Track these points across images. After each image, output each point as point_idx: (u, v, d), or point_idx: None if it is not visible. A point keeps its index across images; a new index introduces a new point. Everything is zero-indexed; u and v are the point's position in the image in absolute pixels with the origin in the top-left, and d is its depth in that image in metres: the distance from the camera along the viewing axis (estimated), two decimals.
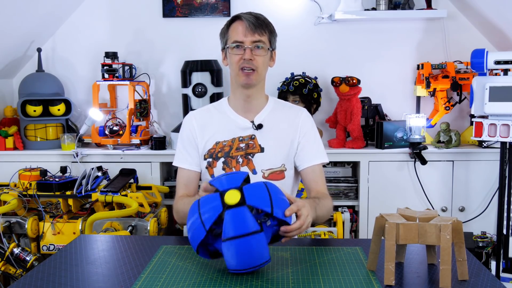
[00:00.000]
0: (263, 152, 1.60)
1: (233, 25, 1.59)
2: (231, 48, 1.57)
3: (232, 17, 1.61)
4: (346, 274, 1.18)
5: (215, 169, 1.62)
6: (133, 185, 2.52)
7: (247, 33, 1.54)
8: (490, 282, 1.12)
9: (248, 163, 1.60)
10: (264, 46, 1.57)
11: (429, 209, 1.42)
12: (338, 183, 2.82)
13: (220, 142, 1.63)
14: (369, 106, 2.88)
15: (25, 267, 2.27)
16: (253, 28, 1.54)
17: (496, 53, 2.40)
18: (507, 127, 2.35)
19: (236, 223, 1.12)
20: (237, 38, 1.55)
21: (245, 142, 1.61)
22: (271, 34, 1.61)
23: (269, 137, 1.62)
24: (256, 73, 1.57)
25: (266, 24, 1.59)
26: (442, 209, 2.70)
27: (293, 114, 1.68)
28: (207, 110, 1.72)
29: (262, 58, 1.57)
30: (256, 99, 1.65)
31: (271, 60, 1.64)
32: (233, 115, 1.66)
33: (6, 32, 2.69)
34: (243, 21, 1.56)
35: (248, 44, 1.55)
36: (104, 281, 1.16)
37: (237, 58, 1.56)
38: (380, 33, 3.00)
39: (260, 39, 1.55)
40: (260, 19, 1.58)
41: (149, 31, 3.06)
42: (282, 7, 3.00)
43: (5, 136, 2.81)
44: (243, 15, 1.58)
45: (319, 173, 1.65)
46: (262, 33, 1.56)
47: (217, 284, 1.13)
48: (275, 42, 1.65)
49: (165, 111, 3.13)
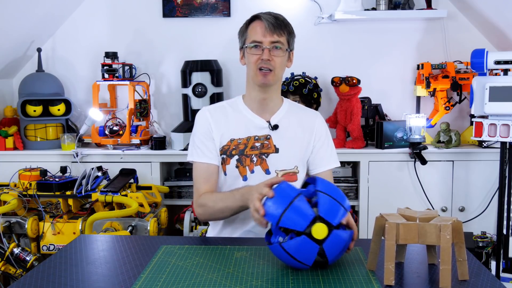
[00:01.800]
0: (277, 152, 1.60)
1: (252, 25, 1.59)
2: (249, 48, 1.57)
3: (252, 16, 1.61)
4: (346, 274, 1.18)
5: (228, 166, 1.61)
6: (133, 185, 2.52)
7: (266, 34, 1.54)
8: (490, 282, 1.12)
9: (262, 163, 1.59)
10: (282, 46, 1.56)
11: (430, 209, 1.42)
12: (338, 183, 2.81)
13: (235, 139, 1.62)
14: (369, 106, 2.88)
15: (25, 267, 2.27)
16: (272, 28, 1.54)
17: (496, 53, 2.40)
18: (507, 127, 2.35)
19: (336, 243, 1.19)
20: (255, 38, 1.55)
21: (260, 141, 1.61)
22: (290, 35, 1.60)
23: (285, 138, 1.62)
24: (273, 74, 1.57)
25: (285, 25, 1.59)
26: (442, 209, 2.70)
27: (308, 117, 1.69)
28: (221, 106, 1.70)
29: (280, 59, 1.57)
30: (272, 100, 1.64)
31: (288, 61, 1.64)
32: (249, 114, 1.64)
33: (6, 32, 2.69)
34: (262, 21, 1.56)
35: (267, 45, 1.55)
36: (104, 281, 1.16)
37: (255, 58, 1.56)
38: (380, 33, 3.00)
39: (278, 39, 1.55)
40: (279, 19, 1.58)
41: (149, 31, 3.06)
42: (282, 7, 3.00)
43: (5, 136, 2.81)
44: (262, 15, 1.57)
45: (330, 178, 1.68)
46: (281, 34, 1.56)
47: (217, 284, 1.13)
48: (293, 43, 1.64)
49: (165, 111, 3.13)
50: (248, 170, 1.60)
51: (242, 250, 1.35)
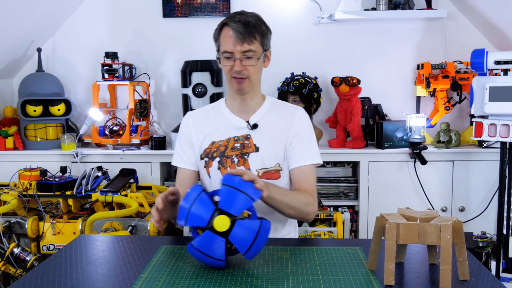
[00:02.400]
0: (258, 151, 1.60)
1: (223, 32, 1.55)
2: (222, 58, 1.56)
3: (222, 22, 1.56)
4: (346, 274, 1.18)
5: (211, 169, 1.63)
6: (133, 185, 2.52)
7: (236, 44, 1.51)
8: (490, 282, 1.12)
9: (244, 163, 1.60)
10: (254, 55, 1.53)
11: (430, 209, 1.42)
12: (338, 183, 2.81)
13: (216, 142, 1.64)
14: (369, 106, 2.88)
15: (25, 267, 2.26)
16: (241, 38, 1.50)
17: (496, 53, 2.40)
18: (507, 127, 2.35)
19: (243, 234, 1.19)
20: (226, 49, 1.53)
21: (240, 142, 1.62)
22: (263, 37, 1.56)
23: (264, 137, 1.62)
24: (248, 80, 1.56)
25: (256, 29, 1.53)
26: (442, 209, 2.70)
27: (288, 113, 1.67)
28: (205, 110, 1.74)
29: (253, 67, 1.55)
30: (251, 100, 1.65)
31: (266, 61, 1.62)
32: (229, 115, 1.66)
33: (6, 32, 2.69)
34: (231, 30, 1.52)
35: (238, 55, 1.52)
36: (104, 281, 1.16)
37: (227, 68, 1.56)
38: (380, 33, 3.00)
39: (249, 48, 1.52)
40: (250, 25, 1.52)
41: (149, 31, 3.06)
42: (282, 7, 3.00)
43: (5, 136, 2.81)
44: (231, 24, 1.52)
45: (307, 174, 1.62)
46: (251, 42, 1.52)
47: (216, 284, 1.13)
48: (269, 41, 1.61)
49: (165, 111, 3.13)
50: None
51: None
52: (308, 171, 1.62)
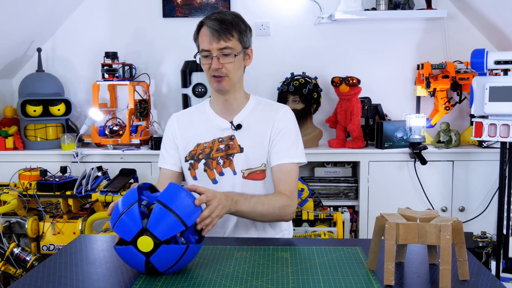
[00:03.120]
0: (242, 152, 1.60)
1: (201, 32, 1.55)
2: (201, 57, 1.56)
3: (199, 22, 1.56)
4: (346, 274, 1.18)
5: (197, 171, 1.63)
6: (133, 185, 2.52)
7: (212, 41, 1.51)
8: (490, 282, 1.12)
9: (230, 164, 1.60)
10: (231, 52, 1.53)
11: (430, 209, 1.42)
12: (338, 183, 2.82)
13: (201, 144, 1.63)
14: (369, 106, 2.88)
15: (25, 267, 2.27)
16: (217, 35, 1.50)
17: (496, 53, 2.40)
18: (507, 127, 2.35)
19: (165, 258, 1.15)
20: (203, 47, 1.53)
21: (224, 143, 1.61)
22: (241, 34, 1.55)
23: (248, 137, 1.61)
24: (228, 78, 1.55)
25: (233, 26, 1.52)
26: (442, 209, 2.70)
27: (271, 112, 1.64)
28: (190, 111, 1.74)
29: (231, 65, 1.54)
30: (235, 100, 1.64)
31: (246, 59, 1.61)
32: (213, 116, 1.65)
33: (6, 32, 2.69)
34: (207, 28, 1.52)
35: (215, 53, 1.52)
36: (104, 281, 1.16)
37: (206, 67, 1.56)
38: (380, 33, 3.00)
39: (226, 45, 1.51)
40: (226, 23, 1.51)
41: (149, 31, 3.06)
42: (282, 7, 3.00)
43: (5, 136, 2.81)
44: (207, 22, 1.52)
45: (286, 172, 1.58)
46: (227, 39, 1.51)
47: (216, 284, 1.13)
48: (249, 39, 1.60)
49: (165, 111, 3.13)
50: (216, 173, 1.61)
51: (242, 250, 1.35)
52: (288, 170, 1.58)
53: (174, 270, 1.18)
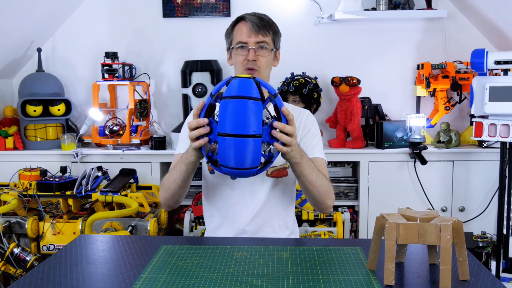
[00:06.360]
0: None
1: (238, 26, 1.62)
2: (235, 49, 1.61)
3: (237, 18, 1.64)
4: (346, 274, 1.18)
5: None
6: (133, 185, 2.52)
7: (251, 34, 1.58)
8: (490, 282, 1.12)
9: None
10: (267, 46, 1.60)
11: (430, 209, 1.42)
12: (338, 183, 2.81)
13: None
14: (369, 106, 2.88)
15: (25, 267, 2.27)
16: (257, 29, 1.58)
17: (496, 53, 2.40)
18: (507, 127, 2.35)
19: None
20: (241, 39, 1.59)
21: None
22: (275, 35, 1.64)
23: None
24: (259, 74, 1.60)
25: (270, 25, 1.62)
26: (442, 209, 2.70)
27: (296, 113, 1.68)
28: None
29: (265, 59, 1.60)
30: None
31: (275, 60, 1.68)
32: None
33: (6, 32, 2.69)
34: (247, 22, 1.59)
35: (252, 45, 1.58)
36: (104, 281, 1.16)
37: (241, 58, 1.59)
38: (380, 33, 3.00)
39: (263, 39, 1.59)
40: (264, 20, 1.61)
41: (149, 31, 3.06)
42: (282, 7, 3.00)
43: (5, 136, 2.81)
44: (247, 16, 1.61)
45: (320, 164, 1.59)
46: (265, 34, 1.59)
47: (217, 284, 1.13)
48: (279, 42, 1.68)
49: (165, 111, 3.13)
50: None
51: (242, 250, 1.35)
52: (322, 163, 1.62)
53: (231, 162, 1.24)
